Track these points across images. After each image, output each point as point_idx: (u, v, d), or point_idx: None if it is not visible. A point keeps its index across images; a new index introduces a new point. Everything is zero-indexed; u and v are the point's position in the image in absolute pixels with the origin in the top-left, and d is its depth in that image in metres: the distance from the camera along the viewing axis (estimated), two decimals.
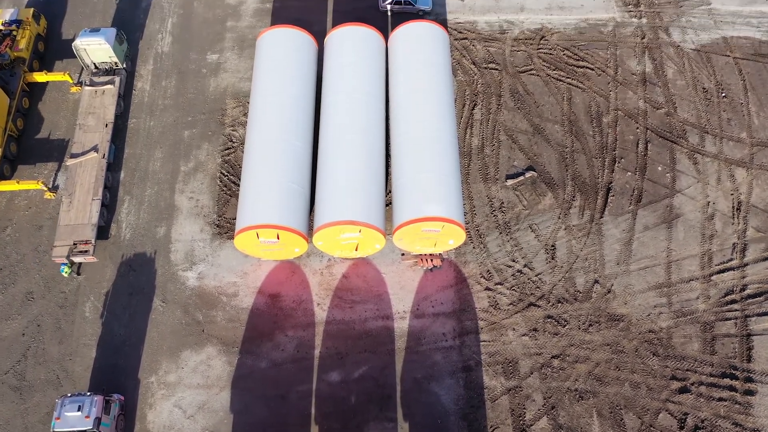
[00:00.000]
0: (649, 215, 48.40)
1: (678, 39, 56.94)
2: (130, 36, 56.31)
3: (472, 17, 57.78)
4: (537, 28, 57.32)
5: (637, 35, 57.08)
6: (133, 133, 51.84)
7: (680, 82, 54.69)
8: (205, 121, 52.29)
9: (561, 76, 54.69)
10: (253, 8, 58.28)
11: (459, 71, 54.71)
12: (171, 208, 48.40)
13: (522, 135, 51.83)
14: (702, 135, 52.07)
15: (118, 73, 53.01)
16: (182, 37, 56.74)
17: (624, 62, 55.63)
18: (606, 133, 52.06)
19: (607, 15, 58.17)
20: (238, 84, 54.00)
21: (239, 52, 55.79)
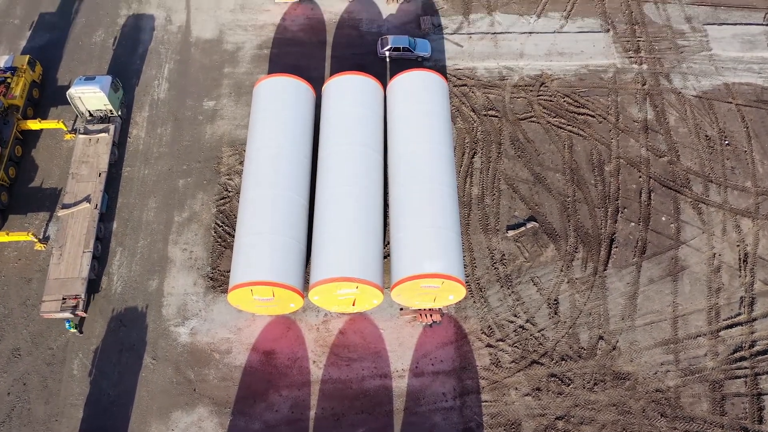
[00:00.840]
0: (653, 268, 47.22)
1: (679, 85, 56.40)
2: (126, 82, 55.76)
3: (471, 63, 57.33)
4: (537, 74, 56.83)
5: (638, 81, 56.56)
6: (126, 182, 50.92)
7: (682, 130, 53.98)
8: (200, 169, 51.43)
9: (562, 123, 53.99)
10: (250, 54, 57.86)
11: (458, 118, 54.04)
12: (164, 260, 47.23)
13: (523, 184, 50.92)
14: (706, 184, 51.17)
15: (113, 121, 52.31)
16: (179, 83, 56.20)
17: (625, 109, 54.99)
18: (608, 182, 51.16)
19: (607, 61, 57.73)
20: (234, 131, 53.27)
21: (236, 98, 55.18)
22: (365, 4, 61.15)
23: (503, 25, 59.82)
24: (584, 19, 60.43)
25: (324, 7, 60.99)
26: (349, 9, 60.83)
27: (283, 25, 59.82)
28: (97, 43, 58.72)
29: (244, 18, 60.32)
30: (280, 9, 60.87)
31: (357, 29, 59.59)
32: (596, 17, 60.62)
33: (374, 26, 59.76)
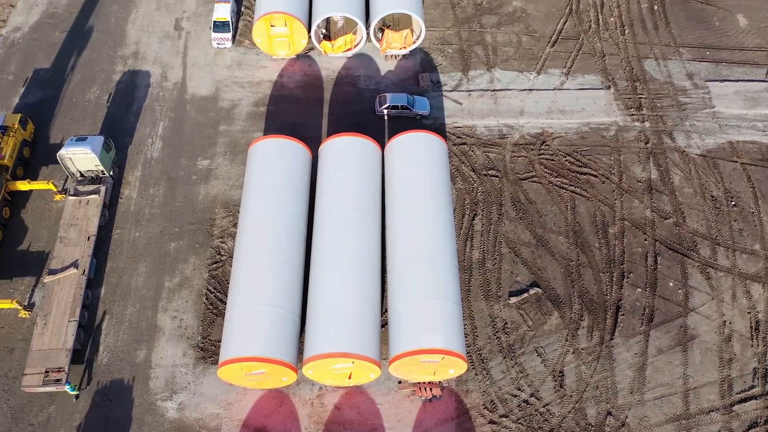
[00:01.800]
0: (662, 336, 45.39)
1: (683, 144, 55.38)
2: (120, 141, 54.72)
3: (470, 121, 56.40)
4: (537, 132, 55.85)
5: (641, 140, 55.55)
6: (116, 245, 49.39)
7: (687, 190, 52.73)
8: (192, 231, 49.96)
9: (564, 183, 52.77)
10: (246, 112, 56.96)
11: (458, 178, 52.82)
12: (153, 328, 45.39)
13: (525, 247, 49.42)
14: (713, 247, 49.66)
15: (105, 182, 51.04)
16: (173, 141, 55.14)
17: (628, 169, 53.83)
18: (613, 245, 49.67)
19: (609, 119, 56.82)
20: (228, 192, 51.98)
21: (231, 157, 54.05)
22: (363, 61, 60.55)
23: (503, 81, 59.11)
24: (584, 76, 59.74)
25: (321, 63, 60.39)
26: (347, 65, 60.20)
27: (280, 81, 59.11)
28: (91, 100, 57.87)
29: (241, 74, 59.64)
30: (277, 65, 60.23)
31: (355, 86, 58.83)
32: (596, 74, 59.96)
33: (372, 83, 59.03)
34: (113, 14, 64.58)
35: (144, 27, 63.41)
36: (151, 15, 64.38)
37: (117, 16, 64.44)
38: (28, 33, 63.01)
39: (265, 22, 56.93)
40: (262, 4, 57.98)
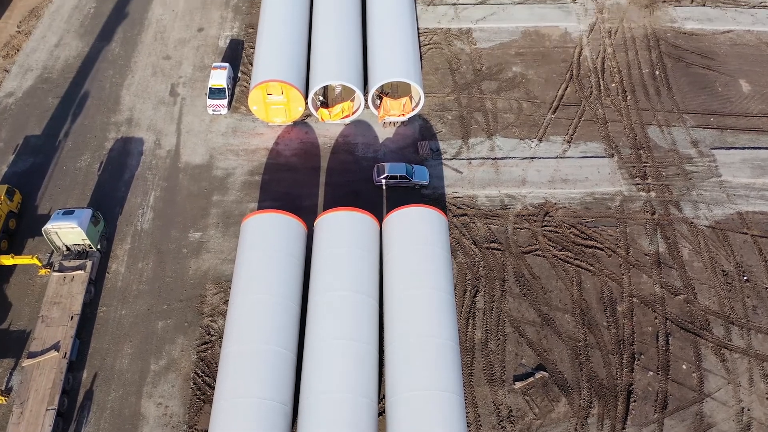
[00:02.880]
0: (677, 425, 42.71)
1: (690, 215, 53.67)
2: (109, 212, 53.02)
3: (471, 191, 54.83)
4: (540, 203, 54.21)
5: (647, 210, 53.85)
6: (101, 324, 47.11)
7: (697, 264, 50.75)
8: (181, 309, 47.74)
9: (569, 257, 50.83)
10: (241, 181, 55.45)
11: (459, 252, 50.90)
12: (136, 416, 42.73)
13: (529, 327, 47.14)
14: (727, 326, 47.39)
15: (91, 257, 49.09)
16: (164, 212, 53.43)
17: (635, 241, 51.97)
18: (622, 324, 47.41)
19: (613, 188, 55.26)
20: (220, 266, 49.98)
21: (224, 229, 52.25)
22: (361, 128, 59.40)
23: (504, 149, 57.80)
24: (587, 144, 58.48)
25: (318, 130, 59.21)
26: (345, 132, 59.02)
27: (276, 149, 57.80)
28: (81, 168, 56.43)
29: (236, 142, 58.37)
30: (273, 132, 59.05)
31: (352, 154, 57.50)
32: (599, 141, 58.71)
33: (370, 151, 57.72)
34: (108, 79, 63.77)
35: (139, 93, 62.48)
36: (146, 80, 63.56)
37: (112, 81, 63.62)
38: (21, 98, 62.04)
39: (261, 90, 55.95)
40: (259, 72, 57.11)
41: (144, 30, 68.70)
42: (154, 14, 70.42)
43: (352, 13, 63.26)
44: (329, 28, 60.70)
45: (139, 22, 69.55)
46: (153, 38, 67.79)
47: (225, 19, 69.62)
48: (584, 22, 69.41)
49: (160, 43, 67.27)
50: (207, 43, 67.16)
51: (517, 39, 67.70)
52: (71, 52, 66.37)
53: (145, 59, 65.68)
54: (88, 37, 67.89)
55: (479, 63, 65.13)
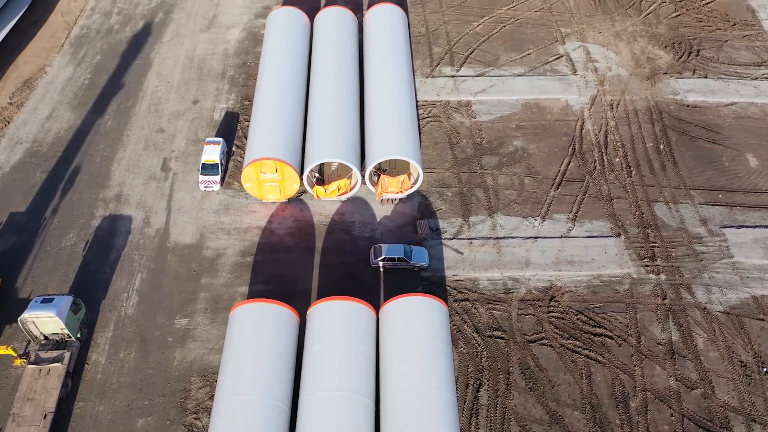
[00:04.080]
0: None
1: (703, 299, 51.06)
2: (92, 296, 50.47)
3: (473, 274, 52.37)
4: (545, 286, 51.68)
5: (658, 295, 51.28)
6: (77, 422, 43.89)
7: (713, 354, 47.86)
8: (163, 405, 44.59)
9: (577, 346, 47.98)
10: (231, 262, 53.07)
11: (460, 341, 48.08)
12: None
13: (537, 425, 43.91)
14: (748, 424, 44.20)
15: (70, 347, 46.26)
16: (150, 296, 50.84)
17: (646, 329, 49.21)
18: (635, 421, 44.22)
19: (621, 270, 52.83)
20: (206, 357, 47.07)
21: (212, 316, 49.56)
22: (358, 205, 57.39)
23: (506, 228, 55.64)
24: (592, 222, 56.35)
25: (314, 208, 57.19)
26: (341, 210, 56.99)
27: (270, 228, 55.64)
28: (66, 248, 54.12)
29: (228, 220, 56.25)
30: (266, 210, 57.01)
31: (349, 233, 55.31)
32: (605, 219, 56.61)
33: (367, 230, 55.54)
34: (99, 153, 62.16)
35: (130, 167, 60.78)
36: (138, 155, 61.96)
37: (103, 155, 62.00)
38: (9, 173, 60.25)
39: (255, 168, 54.19)
40: (253, 149, 55.50)
41: (138, 102, 67.55)
42: (149, 86, 69.43)
43: (350, 85, 62.21)
44: (326, 103, 59.45)
45: (133, 93, 68.49)
46: (147, 110, 66.57)
47: (221, 91, 68.60)
48: (585, 94, 68.36)
49: (154, 115, 66.01)
50: (202, 115, 65.90)
51: (518, 112, 66.49)
52: (63, 125, 65.01)
53: (138, 132, 64.27)
54: (81, 109, 66.67)
55: (479, 137, 63.69)
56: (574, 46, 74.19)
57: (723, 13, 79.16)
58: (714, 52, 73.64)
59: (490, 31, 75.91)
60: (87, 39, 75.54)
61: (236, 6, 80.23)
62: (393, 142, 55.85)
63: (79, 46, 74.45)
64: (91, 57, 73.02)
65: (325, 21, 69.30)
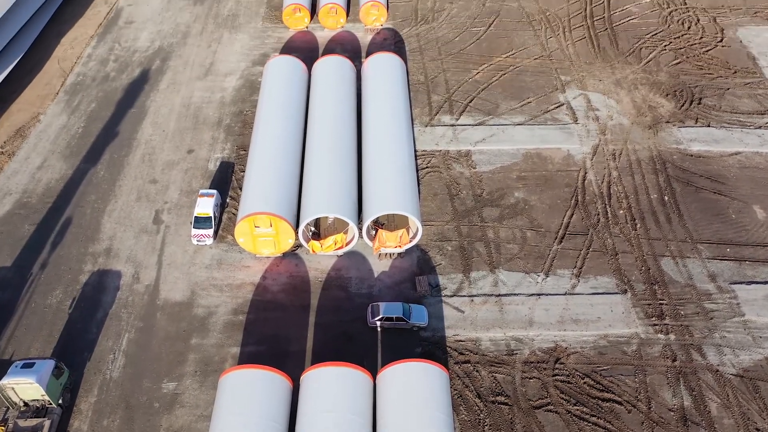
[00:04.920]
0: None
1: (715, 361, 48.87)
2: (76, 358, 48.31)
3: (474, 333, 50.28)
4: (550, 347, 49.55)
5: (667, 356, 49.11)
6: None
7: (728, 421, 45.48)
8: None
9: (584, 413, 45.63)
10: (223, 321, 51.02)
11: (461, 407, 45.74)
12: None
13: None
14: None
15: (51, 414, 43.91)
16: (137, 357, 48.66)
17: (657, 393, 46.92)
18: None
19: (628, 330, 50.75)
20: (194, 424, 44.65)
21: (201, 379, 47.31)
22: (355, 260, 55.60)
23: (508, 285, 53.73)
24: (597, 278, 54.49)
25: (309, 263, 55.39)
26: (337, 265, 55.17)
27: (263, 284, 53.73)
28: (52, 306, 52.13)
29: (220, 276, 54.38)
30: (261, 265, 55.19)
31: (345, 290, 53.38)
32: (610, 275, 54.75)
33: (365, 286, 53.64)
34: (90, 204, 60.63)
35: (121, 220, 59.17)
36: (129, 206, 60.40)
37: (94, 206, 60.46)
38: None
39: (249, 222, 52.61)
40: (247, 203, 53.99)
41: (132, 151, 66.36)
42: (144, 134, 68.34)
43: (348, 136, 61.06)
44: (323, 155, 58.21)
45: (127, 142, 67.35)
46: (141, 160, 65.32)
47: (216, 140, 67.47)
48: (587, 143, 67.24)
49: (147, 165, 64.72)
50: (196, 165, 64.61)
51: (519, 162, 65.23)
52: (54, 175, 63.66)
53: (131, 183, 62.86)
54: (74, 159, 65.42)
55: (479, 188, 62.27)
56: (574, 94, 73.42)
57: (723, 61, 78.67)
58: (716, 100, 72.84)
59: (489, 79, 75.28)
60: (82, 86, 74.82)
61: (234, 53, 79.82)
62: (391, 195, 54.38)
63: (74, 94, 73.66)
64: (86, 105, 72.15)
65: (322, 70, 68.63)
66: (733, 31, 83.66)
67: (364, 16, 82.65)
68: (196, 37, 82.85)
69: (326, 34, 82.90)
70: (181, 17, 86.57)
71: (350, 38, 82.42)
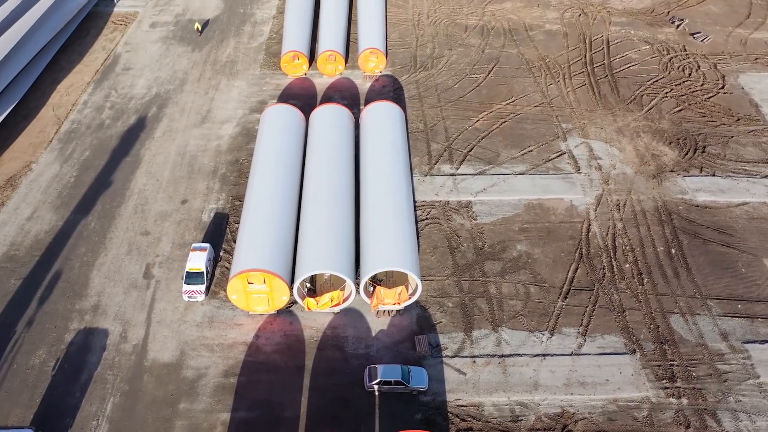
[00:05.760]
0: None
1: (731, 428, 46.39)
2: (57, 424, 45.86)
3: (476, 398, 47.89)
4: (557, 412, 47.10)
5: (681, 423, 46.63)
6: None
7: None
8: None
9: None
10: (213, 384, 48.64)
11: None
12: None
13: None
14: None
15: None
16: (122, 424, 46.14)
17: None
18: None
19: (638, 394, 48.38)
20: None
21: None
22: (352, 318, 53.48)
23: (512, 344, 51.51)
24: (604, 337, 52.31)
25: (305, 320, 53.26)
26: (334, 323, 53.02)
27: (256, 344, 51.51)
28: (34, 367, 49.83)
29: (212, 335, 52.19)
30: (254, 323, 53.06)
31: (341, 350, 51.14)
32: (618, 334, 52.59)
33: (362, 346, 51.40)
34: (79, 258, 58.74)
35: (110, 274, 57.21)
36: (120, 260, 58.51)
37: (83, 260, 58.57)
38: None
39: (242, 279, 50.69)
40: (240, 259, 52.16)
41: (125, 201, 64.77)
42: (137, 184, 66.88)
43: (345, 188, 59.53)
44: (319, 208, 56.59)
45: (120, 192, 65.83)
46: (133, 211, 63.69)
47: (211, 190, 65.97)
48: (590, 193, 65.72)
49: (139, 216, 63.06)
50: (190, 216, 62.96)
51: (520, 213, 63.58)
52: (43, 227, 61.93)
53: (122, 235, 61.10)
54: (64, 210, 63.79)
55: (481, 240, 60.49)
56: (576, 142, 72.26)
57: (726, 108, 77.80)
58: (720, 148, 71.65)
59: (489, 127, 74.24)
60: (77, 134, 73.70)
61: (231, 100, 78.99)
62: (389, 251, 52.55)
63: (68, 142, 72.49)
64: (80, 153, 70.90)
65: (320, 119, 67.54)
66: (734, 77, 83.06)
67: (363, 63, 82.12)
68: (194, 83, 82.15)
69: (325, 81, 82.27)
70: (179, 64, 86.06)
71: (349, 85, 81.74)
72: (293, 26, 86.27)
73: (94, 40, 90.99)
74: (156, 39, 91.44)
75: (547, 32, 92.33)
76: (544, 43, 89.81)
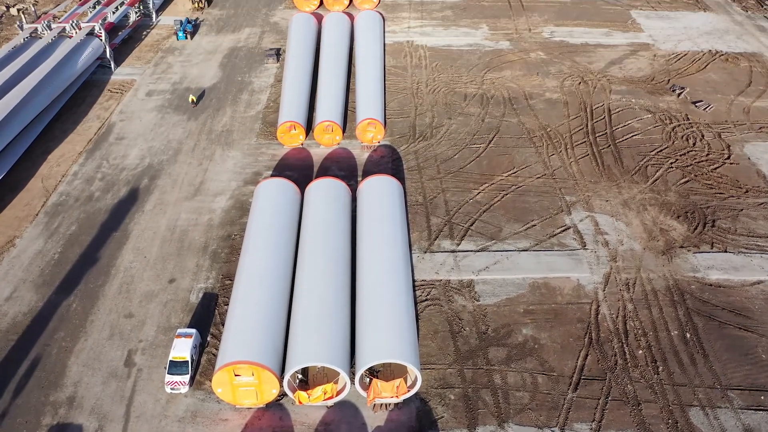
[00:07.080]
0: None
1: None
2: None
3: None
4: None
5: None
6: None
7: None
8: None
9: None
10: None
11: None
12: None
13: None
14: None
15: None
16: None
17: None
18: None
19: None
20: None
21: None
22: (346, 412, 49.62)
23: None
24: None
25: (295, 415, 49.35)
26: (326, 419, 49.15)
27: None
28: None
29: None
30: (241, 417, 49.19)
31: None
32: (634, 430, 48.64)
33: None
34: (57, 343, 55.25)
35: (89, 362, 53.63)
36: (100, 345, 55.02)
37: (61, 345, 55.08)
38: None
39: (228, 372, 47.19)
40: (227, 350, 48.81)
41: (109, 280, 61.70)
42: (123, 261, 63.95)
43: (340, 270, 56.58)
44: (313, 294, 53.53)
45: (105, 270, 62.82)
46: (117, 291, 60.54)
47: (201, 268, 63.00)
48: (597, 272, 62.73)
49: (124, 296, 59.88)
50: (177, 297, 59.77)
51: (525, 293, 60.43)
52: (22, 308, 58.63)
53: (105, 317, 57.77)
54: (46, 289, 60.65)
55: (484, 323, 57.14)
56: (580, 216, 69.76)
57: (733, 179, 75.74)
58: (730, 222, 69.13)
59: (491, 200, 71.91)
60: (64, 207, 71.26)
61: (225, 171, 76.98)
62: (387, 341, 49.27)
63: (55, 216, 69.97)
64: (66, 228, 68.26)
65: (316, 194, 65.29)
66: (739, 147, 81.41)
67: (361, 133, 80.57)
68: (188, 154, 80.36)
69: (322, 152, 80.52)
70: (174, 133, 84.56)
71: (346, 155, 79.95)
72: (290, 96, 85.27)
73: (89, 109, 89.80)
74: (152, 107, 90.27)
75: (547, 101, 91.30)
76: (544, 111, 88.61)
